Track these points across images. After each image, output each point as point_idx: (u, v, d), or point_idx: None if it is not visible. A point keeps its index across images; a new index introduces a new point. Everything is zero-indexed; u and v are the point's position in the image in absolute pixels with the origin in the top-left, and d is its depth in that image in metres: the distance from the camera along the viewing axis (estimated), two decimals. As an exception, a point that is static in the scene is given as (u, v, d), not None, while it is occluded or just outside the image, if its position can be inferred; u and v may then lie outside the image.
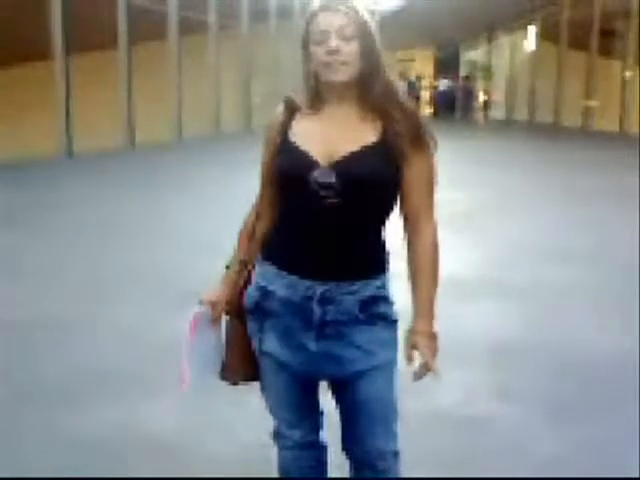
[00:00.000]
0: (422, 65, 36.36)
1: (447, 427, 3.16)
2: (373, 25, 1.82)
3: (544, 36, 28.14)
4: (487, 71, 34.08)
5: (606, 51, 23.14)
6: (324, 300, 1.83)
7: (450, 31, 30.74)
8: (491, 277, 5.67)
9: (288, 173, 1.82)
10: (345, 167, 1.77)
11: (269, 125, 1.92)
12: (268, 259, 1.89)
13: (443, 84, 30.69)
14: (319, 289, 1.83)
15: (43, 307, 4.70)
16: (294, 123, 1.87)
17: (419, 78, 32.46)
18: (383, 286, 1.88)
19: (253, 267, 1.94)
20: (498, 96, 32.97)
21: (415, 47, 36.19)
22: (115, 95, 14.93)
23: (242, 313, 1.93)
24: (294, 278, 1.84)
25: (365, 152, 1.79)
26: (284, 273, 1.85)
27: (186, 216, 7.91)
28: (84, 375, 3.61)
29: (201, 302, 1.93)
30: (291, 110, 1.88)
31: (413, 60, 37.27)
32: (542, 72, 27.57)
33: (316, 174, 1.77)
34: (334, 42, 1.76)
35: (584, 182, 11.30)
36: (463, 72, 34.53)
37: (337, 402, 1.97)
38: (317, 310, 1.84)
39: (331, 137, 1.81)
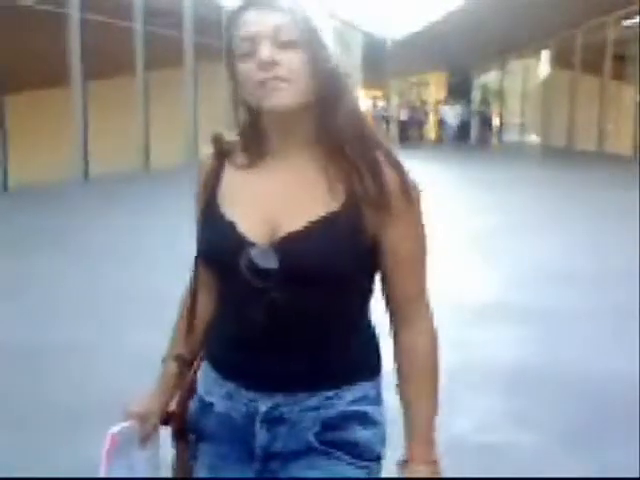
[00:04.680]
0: (436, 89, 36.53)
1: (464, 454, 3.14)
2: (329, 29, 1.24)
3: (557, 60, 28.22)
4: (499, 95, 34.17)
5: (619, 75, 23.17)
6: (271, 420, 1.29)
7: (463, 56, 30.90)
8: (508, 300, 5.64)
9: (211, 254, 1.32)
10: (292, 249, 1.22)
11: (198, 175, 1.38)
12: (208, 359, 1.39)
13: (454, 112, 29.51)
14: (263, 404, 1.29)
15: (51, 329, 4.71)
16: (225, 175, 1.33)
17: (424, 103, 32.39)
18: (364, 398, 1.31)
19: (193, 366, 1.43)
20: (511, 120, 33.01)
21: (428, 72, 36.42)
22: (131, 120, 15.10)
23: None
24: (233, 387, 1.32)
25: (322, 227, 1.22)
26: (222, 379, 1.34)
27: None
28: (89, 398, 3.61)
29: (127, 414, 1.38)
30: (221, 154, 1.35)
31: (427, 84, 37.51)
32: (555, 96, 27.61)
33: (248, 257, 1.23)
34: (266, 51, 1.20)
35: (602, 202, 11.26)
36: (476, 96, 34.58)
37: None
38: (261, 435, 1.29)
39: (273, 199, 1.26)
